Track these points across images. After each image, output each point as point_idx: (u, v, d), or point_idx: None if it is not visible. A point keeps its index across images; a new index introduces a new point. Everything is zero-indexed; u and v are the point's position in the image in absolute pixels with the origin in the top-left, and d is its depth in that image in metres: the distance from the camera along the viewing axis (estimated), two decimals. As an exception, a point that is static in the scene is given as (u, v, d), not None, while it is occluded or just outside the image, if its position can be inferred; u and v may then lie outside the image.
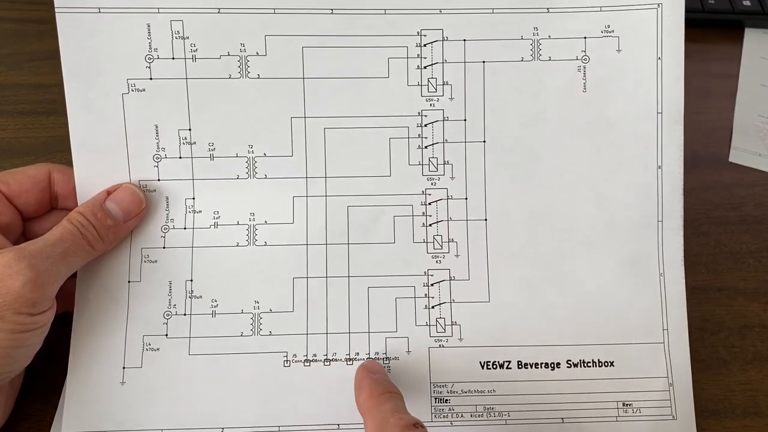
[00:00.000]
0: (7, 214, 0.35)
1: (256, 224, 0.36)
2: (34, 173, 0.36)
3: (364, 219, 0.36)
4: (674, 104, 0.37)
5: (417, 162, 0.37)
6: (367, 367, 0.34)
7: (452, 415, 0.35)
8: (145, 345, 0.35)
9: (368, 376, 0.33)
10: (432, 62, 0.37)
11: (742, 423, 0.37)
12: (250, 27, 0.36)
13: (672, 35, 0.37)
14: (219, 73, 0.36)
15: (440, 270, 0.37)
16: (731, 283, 0.43)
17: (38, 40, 0.53)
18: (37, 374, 0.36)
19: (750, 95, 0.54)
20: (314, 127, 0.36)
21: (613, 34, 0.37)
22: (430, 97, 0.37)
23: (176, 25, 0.36)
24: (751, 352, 0.40)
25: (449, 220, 0.37)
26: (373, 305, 0.36)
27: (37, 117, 0.49)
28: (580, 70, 0.37)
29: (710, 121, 0.53)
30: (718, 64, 0.57)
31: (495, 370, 0.36)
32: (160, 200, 0.36)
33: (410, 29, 0.36)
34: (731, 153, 0.50)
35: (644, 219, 0.37)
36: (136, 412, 0.34)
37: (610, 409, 0.36)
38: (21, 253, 0.31)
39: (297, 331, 0.36)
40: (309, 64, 0.36)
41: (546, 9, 0.37)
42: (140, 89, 0.36)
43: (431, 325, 0.36)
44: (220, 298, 0.36)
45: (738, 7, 0.59)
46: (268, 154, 0.36)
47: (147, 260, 0.36)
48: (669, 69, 0.37)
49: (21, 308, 0.30)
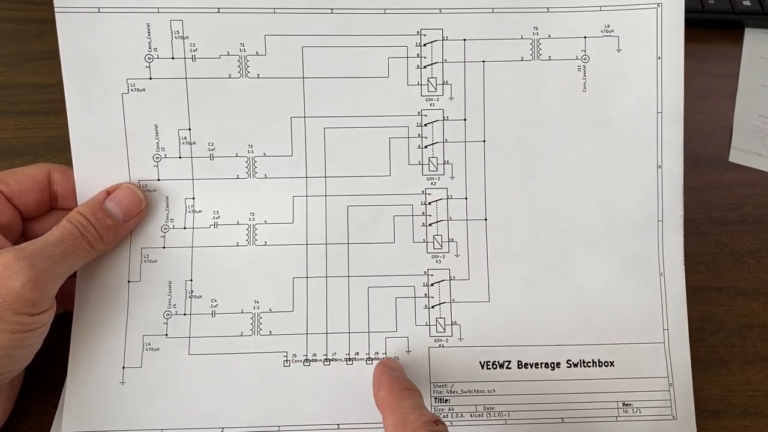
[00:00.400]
0: (7, 214, 0.35)
1: (255, 224, 0.36)
2: (34, 173, 0.36)
3: (364, 219, 0.36)
4: (674, 104, 0.37)
5: (417, 162, 0.37)
6: (386, 363, 0.34)
7: (452, 415, 0.35)
8: (145, 345, 0.35)
9: (387, 372, 0.33)
10: (432, 62, 0.37)
11: (742, 423, 0.37)
12: (249, 27, 0.36)
13: (672, 35, 0.37)
14: (219, 73, 0.36)
15: (440, 270, 0.36)
16: (731, 283, 0.43)
17: (38, 40, 0.53)
18: (37, 374, 0.36)
19: (750, 95, 0.54)
20: (314, 127, 0.36)
21: (613, 33, 0.37)
22: (430, 96, 0.37)
23: (176, 24, 0.36)
24: (751, 352, 0.40)
25: (449, 219, 0.37)
26: (373, 305, 0.36)
27: (37, 117, 0.49)
28: (580, 69, 0.37)
29: (710, 121, 0.53)
30: (718, 64, 0.57)
31: (495, 370, 0.36)
32: (160, 200, 0.36)
33: (410, 29, 0.36)
34: (731, 153, 0.50)
35: (644, 219, 0.37)
36: (135, 411, 0.34)
37: (610, 409, 0.36)
38: (21, 253, 0.31)
39: (297, 330, 0.36)
40: (309, 63, 0.36)
41: (546, 8, 0.37)
42: (140, 89, 0.36)
43: (431, 325, 0.36)
44: (220, 297, 0.36)
45: (738, 7, 0.59)
46: (267, 154, 0.36)
47: (147, 260, 0.36)
48: (669, 69, 0.37)
49: (21, 308, 0.30)
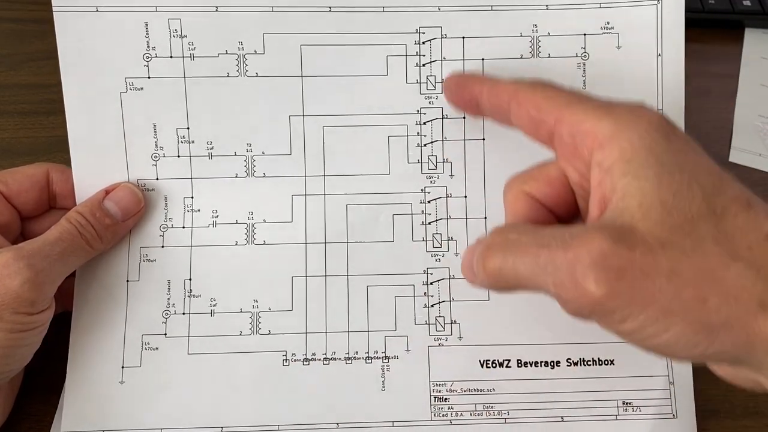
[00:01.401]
0: (6, 213, 0.35)
1: (254, 223, 0.36)
2: (33, 172, 0.36)
3: (363, 217, 0.36)
4: (675, 101, 0.37)
5: (416, 160, 0.37)
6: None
7: (451, 413, 0.35)
8: (144, 344, 0.35)
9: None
10: (431, 60, 0.37)
11: (742, 423, 0.37)
12: (248, 25, 0.36)
13: (672, 32, 0.36)
14: (217, 72, 0.36)
15: (440, 268, 0.36)
16: (732, 282, 0.43)
17: (38, 40, 0.53)
18: (37, 374, 0.36)
19: (750, 95, 0.54)
20: (313, 125, 0.36)
21: (613, 30, 0.37)
22: (429, 94, 0.37)
23: (174, 23, 0.35)
24: (752, 350, 0.40)
25: (448, 218, 0.37)
26: (372, 304, 0.36)
27: (37, 117, 0.49)
28: (580, 67, 0.37)
29: (710, 121, 0.52)
30: (718, 64, 0.57)
31: (494, 369, 0.36)
32: (159, 199, 0.36)
33: (409, 27, 0.36)
34: (731, 153, 0.50)
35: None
36: (135, 411, 0.34)
37: (610, 408, 0.35)
38: (19, 252, 0.31)
39: (296, 330, 0.36)
40: (307, 62, 0.36)
41: (545, 6, 0.37)
42: (138, 88, 0.36)
43: (430, 324, 0.36)
44: (219, 297, 0.36)
45: (738, 7, 0.59)
46: (266, 153, 0.36)
47: (146, 259, 0.36)
48: (669, 66, 0.37)
49: (19, 308, 0.30)
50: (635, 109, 0.26)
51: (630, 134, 0.25)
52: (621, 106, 0.26)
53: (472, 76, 0.34)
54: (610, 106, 0.26)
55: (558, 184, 0.28)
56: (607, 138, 0.25)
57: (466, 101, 0.33)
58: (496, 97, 0.30)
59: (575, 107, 0.27)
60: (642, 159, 0.24)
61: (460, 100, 0.34)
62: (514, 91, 0.29)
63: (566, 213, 0.29)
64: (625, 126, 0.25)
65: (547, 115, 0.28)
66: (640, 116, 0.25)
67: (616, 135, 0.25)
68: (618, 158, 0.25)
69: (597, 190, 0.25)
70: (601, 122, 0.25)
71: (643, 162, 0.24)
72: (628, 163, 0.24)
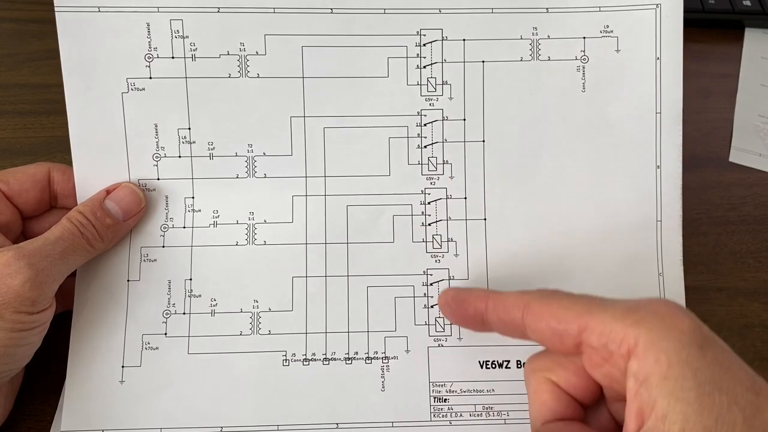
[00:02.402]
0: (7, 212, 0.35)
1: (255, 223, 0.36)
2: (34, 172, 0.36)
3: (364, 218, 0.36)
4: (673, 104, 0.37)
5: (416, 161, 0.37)
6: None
7: (451, 414, 0.35)
8: (145, 344, 0.35)
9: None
10: (431, 62, 0.37)
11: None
12: (249, 26, 0.36)
13: (671, 35, 0.37)
14: (218, 73, 0.36)
15: (439, 269, 0.37)
16: (731, 283, 0.43)
17: (38, 40, 0.53)
18: (37, 373, 0.36)
19: (750, 95, 0.54)
20: (314, 127, 0.36)
21: (612, 34, 0.37)
22: (430, 96, 0.37)
23: (176, 24, 0.36)
24: (752, 352, 0.40)
25: (448, 219, 0.37)
26: (372, 304, 0.36)
27: (37, 117, 0.49)
28: (579, 70, 0.37)
29: (710, 121, 0.52)
30: (718, 64, 0.57)
31: (494, 370, 0.36)
32: (160, 199, 0.36)
33: (410, 29, 0.36)
34: (731, 153, 0.50)
35: (643, 219, 0.37)
36: (135, 410, 0.34)
37: (609, 409, 0.36)
38: (20, 251, 0.31)
39: (296, 330, 0.36)
40: (308, 63, 0.36)
41: (545, 9, 0.37)
42: (140, 88, 0.36)
43: (430, 325, 0.36)
44: (220, 297, 0.36)
45: (738, 7, 0.59)
46: (267, 154, 0.36)
47: (146, 259, 0.36)
48: (668, 69, 0.37)
49: (20, 307, 0.30)
50: (666, 316, 0.25)
51: (665, 344, 0.24)
52: (647, 309, 0.25)
53: (471, 291, 0.33)
54: (637, 310, 0.26)
55: (586, 375, 0.28)
56: (642, 348, 0.25)
57: (468, 318, 0.32)
58: (506, 313, 0.30)
59: (600, 315, 0.26)
60: (679, 375, 0.24)
61: (462, 318, 0.33)
62: (525, 304, 0.29)
63: (591, 401, 0.29)
64: (657, 336, 0.24)
65: (569, 325, 0.27)
66: (673, 326, 0.25)
67: (650, 346, 0.24)
68: (654, 371, 0.24)
69: (634, 402, 0.25)
70: (633, 330, 0.25)
71: (680, 378, 0.23)
72: (666, 380, 0.24)
